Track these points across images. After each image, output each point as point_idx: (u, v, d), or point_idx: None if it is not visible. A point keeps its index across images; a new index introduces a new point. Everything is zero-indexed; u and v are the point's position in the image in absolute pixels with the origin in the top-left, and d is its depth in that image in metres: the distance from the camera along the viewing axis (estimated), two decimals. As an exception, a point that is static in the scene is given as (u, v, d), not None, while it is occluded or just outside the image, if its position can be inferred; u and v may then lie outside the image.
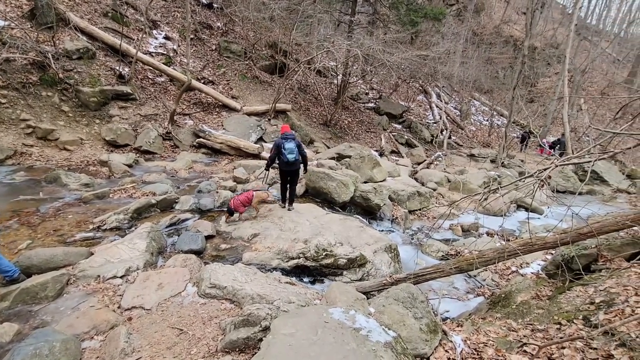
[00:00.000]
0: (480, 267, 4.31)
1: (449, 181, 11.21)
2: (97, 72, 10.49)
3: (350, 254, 4.80)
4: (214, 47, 14.17)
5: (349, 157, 10.23)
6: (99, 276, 3.65)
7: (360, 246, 5.33)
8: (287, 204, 6.15)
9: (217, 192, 6.83)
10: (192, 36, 13.73)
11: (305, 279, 4.65)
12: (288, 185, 6.04)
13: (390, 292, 3.59)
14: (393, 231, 7.46)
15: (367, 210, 7.39)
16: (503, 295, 4.45)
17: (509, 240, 7.45)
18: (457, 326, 3.84)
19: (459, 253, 6.30)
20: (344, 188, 7.05)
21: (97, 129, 9.82)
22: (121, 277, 3.69)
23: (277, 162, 5.77)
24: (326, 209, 6.82)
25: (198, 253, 4.65)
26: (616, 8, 43.99)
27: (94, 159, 8.80)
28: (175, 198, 6.22)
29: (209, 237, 5.08)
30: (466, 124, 20.36)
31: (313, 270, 4.70)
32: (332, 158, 10.14)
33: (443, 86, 21.23)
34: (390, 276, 4.39)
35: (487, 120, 23.42)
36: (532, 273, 5.70)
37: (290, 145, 5.54)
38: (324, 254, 4.73)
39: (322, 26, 17.23)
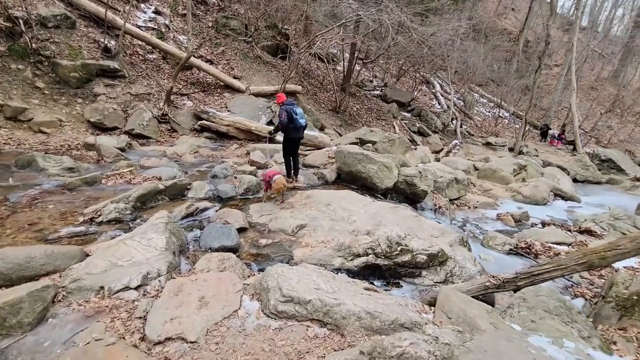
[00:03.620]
0: (614, 260, 3.32)
1: (476, 169, 10.32)
2: (78, 43, 8.98)
3: (430, 249, 3.71)
4: (210, 24, 12.76)
5: (372, 142, 9.17)
6: (102, 288, 2.42)
7: (428, 239, 4.25)
8: (293, 176, 5.89)
9: (236, 178, 5.60)
10: (185, 12, 12.30)
11: (377, 282, 3.52)
12: (291, 157, 5.81)
13: (531, 301, 2.53)
14: (439, 222, 6.41)
15: (410, 198, 6.33)
16: (635, 297, 3.46)
17: (569, 230, 6.59)
18: (610, 344, 2.83)
19: (530, 246, 5.33)
20: (386, 172, 5.95)
21: (80, 110, 8.35)
22: (136, 288, 2.46)
23: (283, 131, 5.51)
24: (367, 196, 5.71)
25: (233, 251, 3.46)
26: (599, 5, 44.63)
27: (77, 142, 7.36)
28: (187, 184, 4.96)
29: (240, 230, 3.89)
30: (472, 114, 19.67)
31: (386, 270, 3.59)
32: (354, 144, 9.04)
33: (455, 71, 20.39)
34: (493, 277, 3.33)
35: (490, 112, 22.89)
36: (624, 268, 4.81)
37: (300, 110, 5.46)
38: (398, 248, 3.62)
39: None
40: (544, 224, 6.75)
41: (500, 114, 22.56)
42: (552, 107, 22.29)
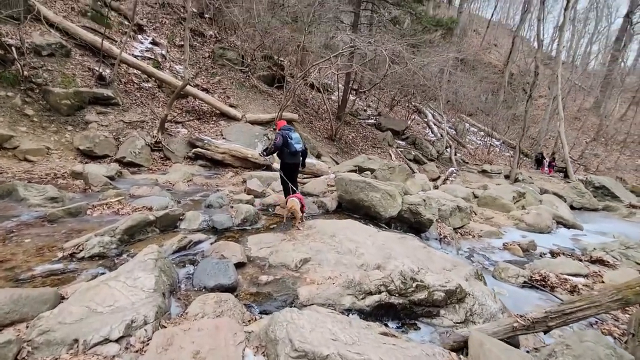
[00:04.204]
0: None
1: (476, 197, 10.17)
2: (72, 71, 8.87)
3: (447, 284, 3.40)
4: (207, 55, 12.91)
5: (370, 170, 9.02)
6: (76, 341, 2.03)
7: (441, 273, 3.94)
8: None
9: (232, 207, 5.29)
10: (182, 43, 12.49)
11: (391, 324, 3.16)
12: (290, 184, 5.56)
13: (576, 348, 2.21)
14: (445, 252, 6.11)
15: (415, 228, 6.05)
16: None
17: (580, 260, 6.32)
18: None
19: (545, 278, 5.03)
20: (390, 200, 5.71)
21: (69, 137, 8.07)
22: (118, 340, 2.08)
23: (280, 156, 5.48)
24: (371, 225, 5.42)
25: (231, 290, 3.09)
26: (575, 42, 47.29)
27: (64, 171, 7.01)
28: (179, 214, 4.62)
29: (238, 266, 3.53)
30: (465, 142, 19.95)
31: (400, 310, 3.24)
32: (352, 171, 8.86)
33: (448, 100, 20.89)
34: (520, 316, 3.01)
35: (481, 140, 23.30)
36: (648, 301, 4.50)
37: (296, 135, 5.38)
38: (413, 285, 3.29)
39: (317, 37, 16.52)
40: (553, 254, 6.49)
41: (492, 143, 23.00)
42: (542, 136, 22.85)
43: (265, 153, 5.77)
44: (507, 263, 5.48)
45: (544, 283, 4.96)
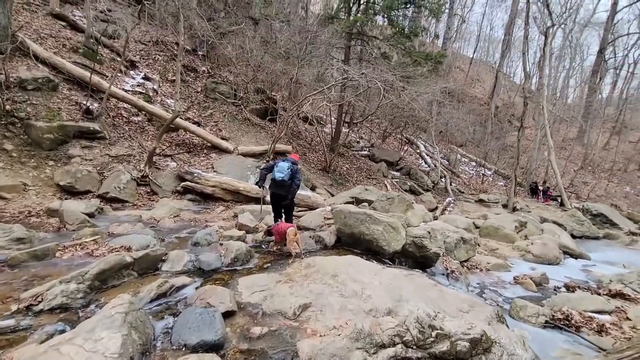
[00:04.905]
0: None
1: (477, 227, 9.81)
2: (57, 105, 8.60)
3: (470, 332, 2.93)
4: (199, 89, 12.90)
5: (368, 201, 8.68)
6: None
7: (458, 315, 3.48)
8: None
9: (222, 245, 4.81)
10: (174, 78, 12.50)
11: (410, 385, 2.64)
12: (281, 218, 5.60)
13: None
14: (453, 289, 5.62)
15: (420, 262, 5.60)
16: None
17: (598, 294, 5.88)
18: None
19: (568, 316, 4.56)
20: (393, 233, 5.30)
21: (50, 172, 7.62)
22: None
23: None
24: (374, 261, 4.97)
25: (217, 347, 2.58)
26: (554, 77, 49.90)
27: (39, 208, 6.49)
28: (161, 254, 4.12)
29: (227, 315, 3.02)
30: (458, 172, 19.97)
31: (420, 365, 2.73)
32: (349, 203, 8.51)
33: (440, 131, 21.16)
34: (562, 369, 2.54)
35: (473, 170, 23.43)
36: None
37: (283, 164, 5.26)
38: (432, 333, 2.82)
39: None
40: (568, 288, 6.04)
41: (484, 172, 23.12)
42: (532, 165, 23.12)
43: (258, 183, 5.79)
44: (523, 300, 5.00)
45: (567, 322, 4.48)
